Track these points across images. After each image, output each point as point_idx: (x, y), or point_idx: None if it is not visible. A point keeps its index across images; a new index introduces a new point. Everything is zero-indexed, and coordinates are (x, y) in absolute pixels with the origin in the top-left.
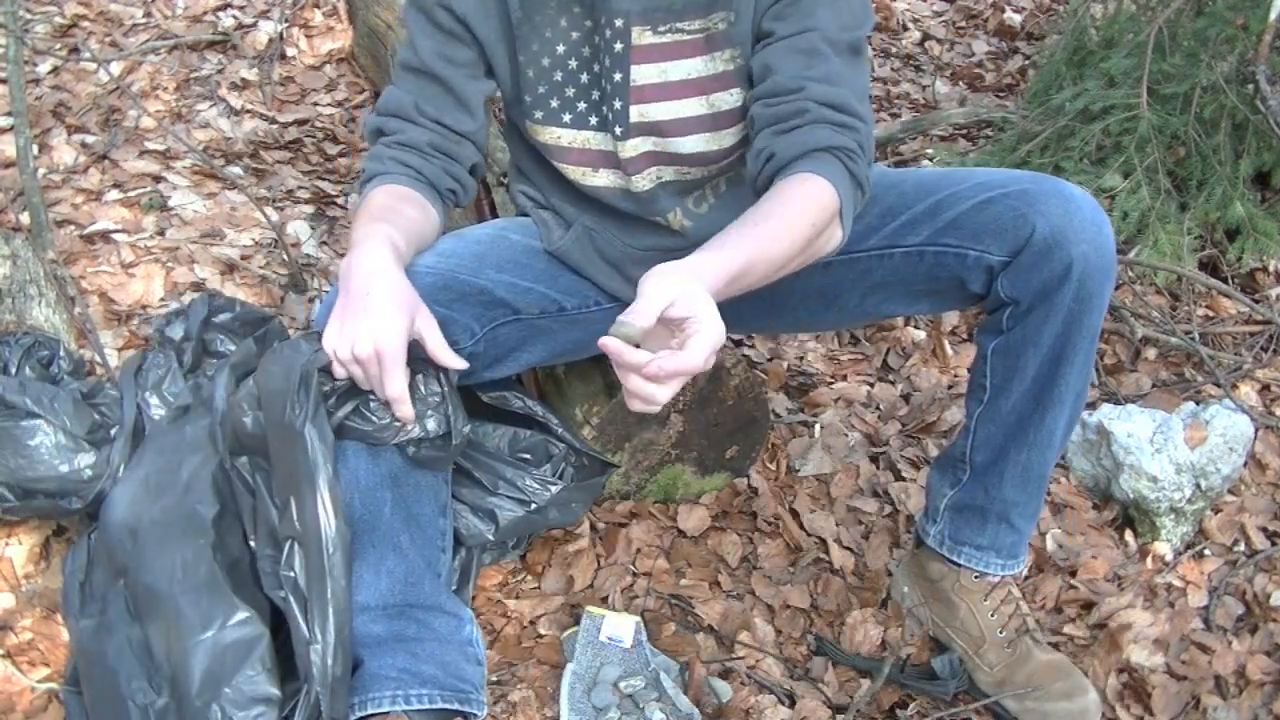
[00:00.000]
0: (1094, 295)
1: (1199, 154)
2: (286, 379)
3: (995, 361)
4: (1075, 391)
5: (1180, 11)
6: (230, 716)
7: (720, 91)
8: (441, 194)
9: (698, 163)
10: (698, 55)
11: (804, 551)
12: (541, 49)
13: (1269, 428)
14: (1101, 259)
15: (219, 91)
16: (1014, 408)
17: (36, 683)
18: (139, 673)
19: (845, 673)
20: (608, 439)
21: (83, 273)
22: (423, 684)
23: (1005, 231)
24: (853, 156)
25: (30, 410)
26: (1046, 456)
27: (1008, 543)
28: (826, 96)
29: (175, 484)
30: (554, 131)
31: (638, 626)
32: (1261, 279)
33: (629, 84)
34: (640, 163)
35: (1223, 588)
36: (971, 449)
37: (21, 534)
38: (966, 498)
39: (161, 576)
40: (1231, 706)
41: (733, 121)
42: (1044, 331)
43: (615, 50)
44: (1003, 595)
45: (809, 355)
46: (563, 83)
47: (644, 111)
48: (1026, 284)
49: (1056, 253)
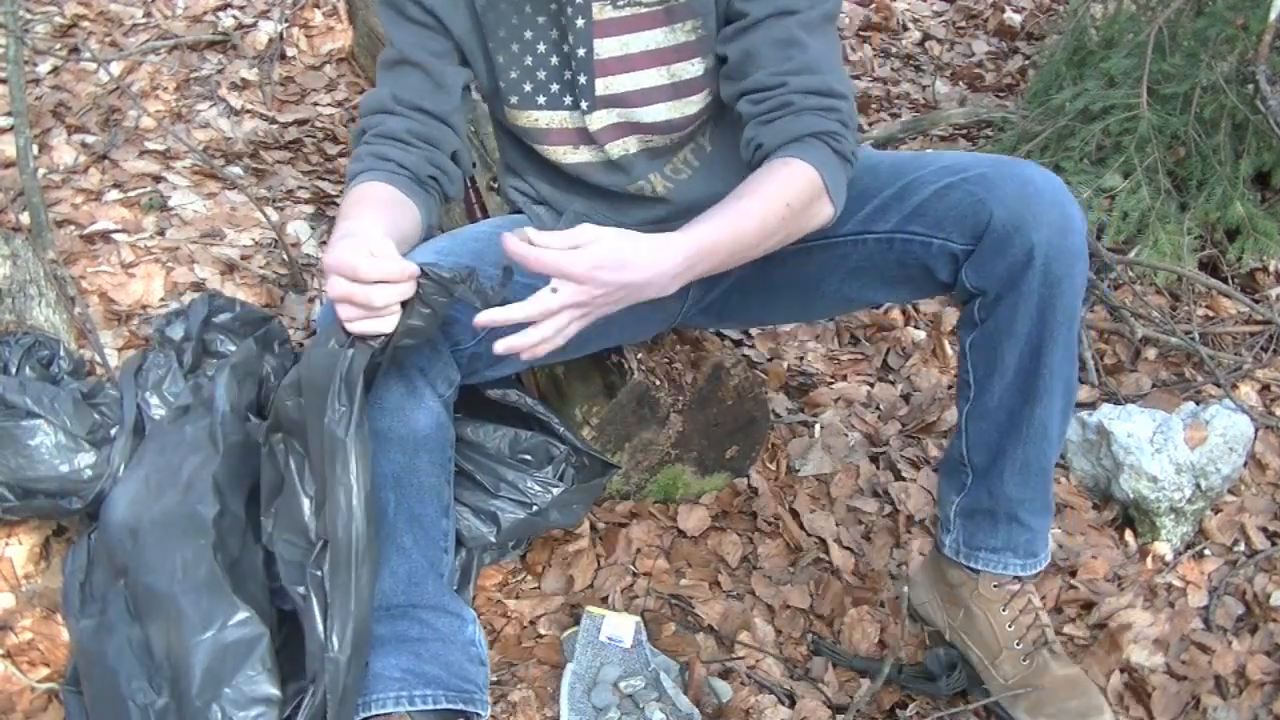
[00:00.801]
0: (1062, 279)
1: (1199, 154)
2: (328, 375)
3: (974, 356)
4: (1063, 379)
5: (1180, 11)
6: (230, 716)
7: (681, 62)
8: (424, 183)
9: (663, 130)
10: (658, 27)
11: (804, 551)
12: (509, 35)
13: (1269, 428)
14: (1066, 241)
15: (219, 91)
16: (1001, 403)
17: (36, 683)
18: (139, 673)
19: (845, 673)
20: (607, 439)
21: (83, 273)
22: (427, 684)
23: (965, 219)
24: (837, 137)
25: (31, 410)
26: (1044, 449)
27: (1022, 541)
28: (808, 85)
29: (175, 484)
30: (531, 115)
31: (638, 626)
32: (1261, 279)
33: (593, 58)
34: (609, 134)
35: (1223, 588)
36: (968, 449)
37: (21, 534)
38: (973, 502)
39: (162, 576)
40: (1231, 706)
41: (694, 90)
42: (1017, 321)
43: (578, 26)
44: (1022, 604)
45: (809, 355)
46: (534, 66)
47: (608, 84)
48: (991, 272)
49: (1016, 239)
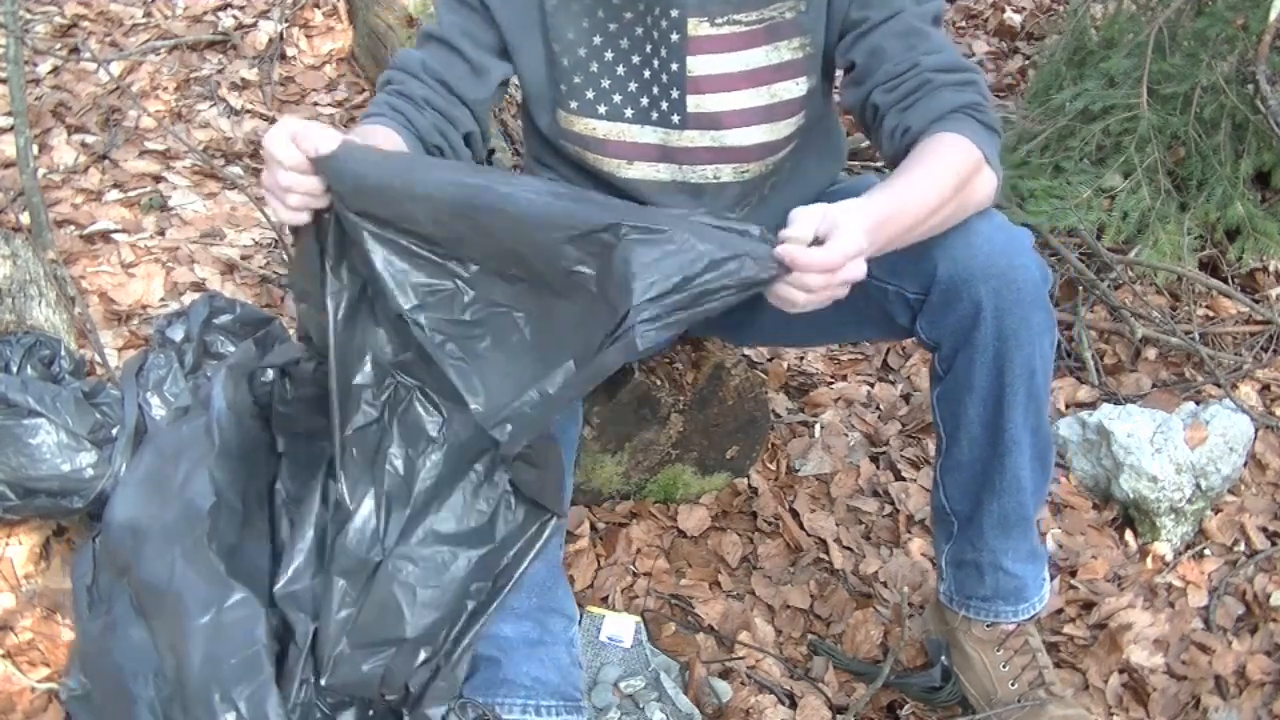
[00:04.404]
0: (1018, 332)
1: (1199, 154)
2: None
3: (941, 409)
4: (1030, 429)
5: (1180, 11)
6: (229, 694)
7: (783, 81)
8: (428, 149)
9: (755, 156)
10: (757, 45)
11: (804, 551)
12: (578, 38)
13: (1269, 428)
14: (1017, 293)
15: (219, 91)
16: (972, 456)
17: (36, 683)
18: (145, 668)
19: (845, 673)
20: (608, 439)
21: (83, 273)
22: (551, 694)
23: (911, 268)
24: (980, 108)
25: (32, 409)
26: (1020, 500)
27: (1011, 589)
28: (940, 64)
29: (173, 481)
30: (589, 123)
31: (638, 626)
32: (1261, 279)
33: (685, 74)
34: (699, 155)
35: (1223, 588)
36: (947, 500)
37: (22, 534)
38: (959, 552)
39: (162, 571)
40: (1231, 706)
41: (792, 111)
42: (974, 376)
43: (672, 40)
44: (1017, 645)
45: (809, 355)
46: (599, 74)
47: (699, 102)
48: (942, 325)
49: (963, 292)
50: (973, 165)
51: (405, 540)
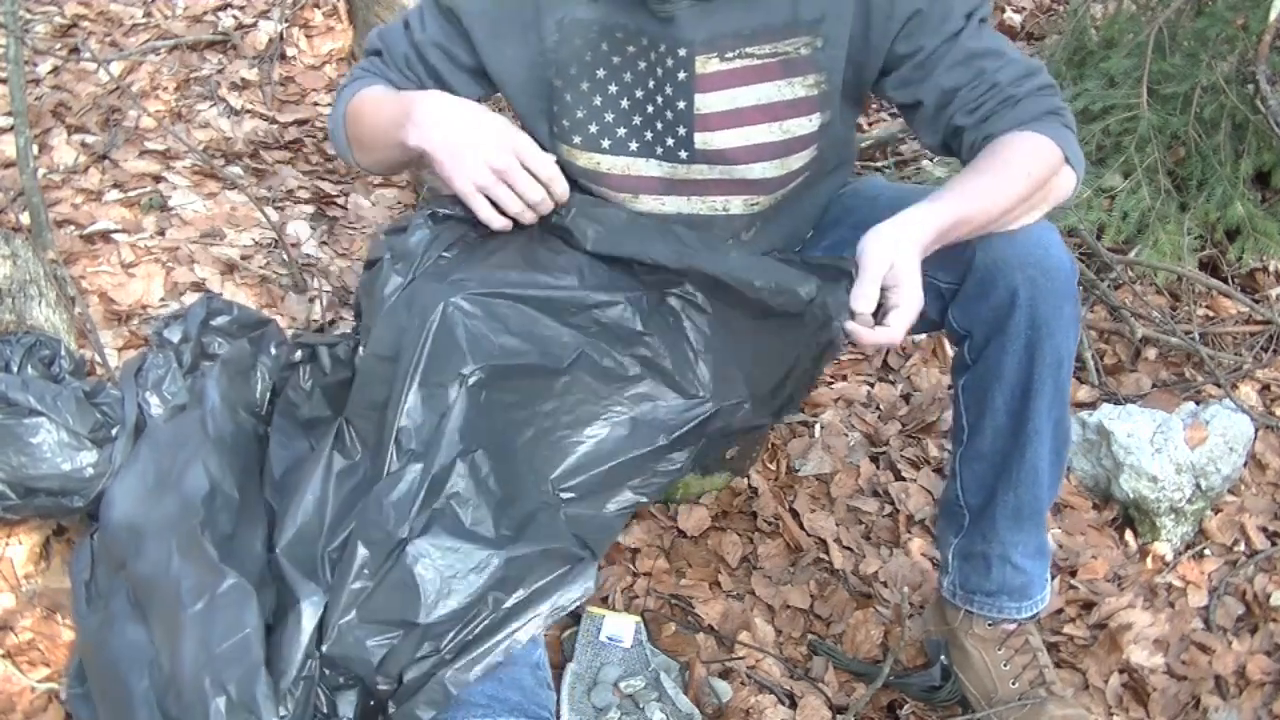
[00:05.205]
0: (1050, 321)
1: (1199, 154)
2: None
3: (966, 399)
4: (1053, 421)
5: (1180, 11)
6: (221, 680)
7: (797, 117)
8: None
9: (766, 190)
10: (770, 80)
11: (804, 551)
12: (580, 72)
13: (1269, 428)
14: (1052, 282)
15: (219, 91)
16: (993, 446)
17: (36, 683)
18: (142, 661)
19: (845, 673)
20: None
21: (83, 273)
22: (510, 712)
23: (948, 257)
24: (1060, 110)
25: (33, 408)
26: (1036, 493)
27: (1017, 584)
28: (1013, 75)
29: (168, 475)
30: (593, 157)
31: (638, 626)
32: (1261, 279)
33: (693, 112)
34: (708, 187)
35: (1223, 588)
36: (962, 492)
37: (22, 534)
38: (968, 544)
39: (158, 564)
40: (1231, 707)
41: (804, 146)
42: (1004, 364)
43: (678, 79)
44: (1018, 644)
45: None
46: (602, 108)
47: (708, 139)
48: (975, 314)
49: (1000, 280)
50: (1053, 164)
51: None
